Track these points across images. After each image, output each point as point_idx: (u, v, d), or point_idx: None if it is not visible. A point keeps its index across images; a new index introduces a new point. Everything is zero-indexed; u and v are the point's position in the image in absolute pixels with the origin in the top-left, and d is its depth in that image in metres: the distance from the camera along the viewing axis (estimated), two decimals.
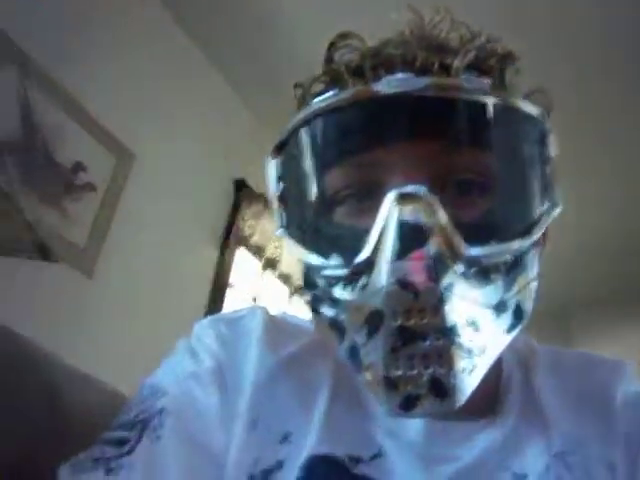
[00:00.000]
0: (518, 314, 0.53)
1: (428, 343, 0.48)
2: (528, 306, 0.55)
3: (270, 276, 3.14)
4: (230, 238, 2.85)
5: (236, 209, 2.91)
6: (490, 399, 0.61)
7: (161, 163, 2.49)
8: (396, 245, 0.48)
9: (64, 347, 0.74)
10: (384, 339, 0.49)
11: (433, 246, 0.48)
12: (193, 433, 0.56)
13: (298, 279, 3.06)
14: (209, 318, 0.67)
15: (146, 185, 2.39)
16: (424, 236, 0.48)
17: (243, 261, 3.00)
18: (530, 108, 0.55)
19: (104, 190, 2.20)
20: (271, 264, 3.10)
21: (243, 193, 2.92)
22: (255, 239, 2.97)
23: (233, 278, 2.88)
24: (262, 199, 2.94)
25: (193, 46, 2.77)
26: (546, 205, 0.55)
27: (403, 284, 0.48)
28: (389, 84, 0.52)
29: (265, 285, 3.12)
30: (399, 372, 0.49)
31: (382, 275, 0.49)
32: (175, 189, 2.56)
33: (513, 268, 0.53)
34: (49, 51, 2.04)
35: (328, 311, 0.55)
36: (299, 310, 3.11)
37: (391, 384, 0.49)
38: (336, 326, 0.54)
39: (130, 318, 2.20)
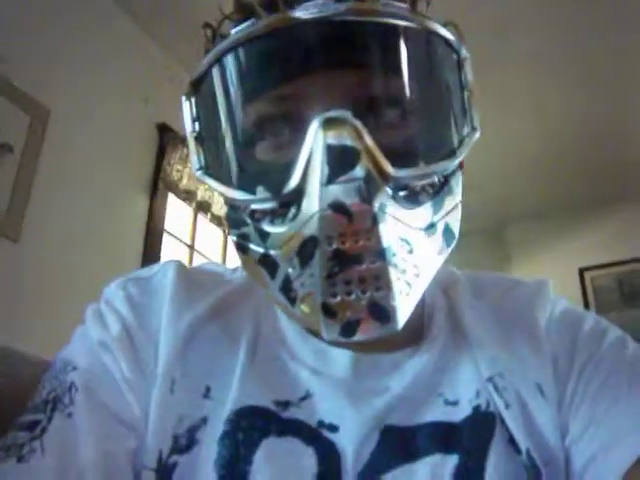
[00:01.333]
0: (448, 236, 0.54)
1: (364, 266, 0.48)
2: (456, 228, 0.56)
3: (203, 220, 3.10)
4: (159, 184, 2.79)
5: (161, 154, 2.84)
6: (416, 327, 0.61)
7: (79, 116, 2.39)
8: (325, 169, 0.48)
9: None
10: (319, 265, 0.49)
11: (362, 168, 0.48)
12: (106, 404, 0.54)
13: None
14: (118, 279, 0.64)
15: (65, 140, 2.30)
16: (353, 159, 0.48)
17: (175, 207, 2.95)
18: (449, 35, 0.56)
19: (22, 150, 2.11)
20: (203, 207, 3.05)
21: (167, 137, 2.84)
22: (184, 183, 2.90)
23: (167, 225, 2.84)
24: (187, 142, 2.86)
25: None
26: (466, 129, 0.56)
27: (336, 207, 0.47)
28: (307, 10, 0.50)
29: (199, 229, 3.08)
30: (337, 298, 0.48)
31: (313, 201, 0.48)
32: (96, 140, 2.47)
33: (440, 190, 0.54)
34: None
35: (258, 247, 0.54)
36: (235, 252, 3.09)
37: (330, 311, 0.49)
38: (267, 262, 0.53)
39: (64, 280, 2.15)
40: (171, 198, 2.91)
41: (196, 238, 3.06)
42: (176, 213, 2.96)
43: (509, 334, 0.61)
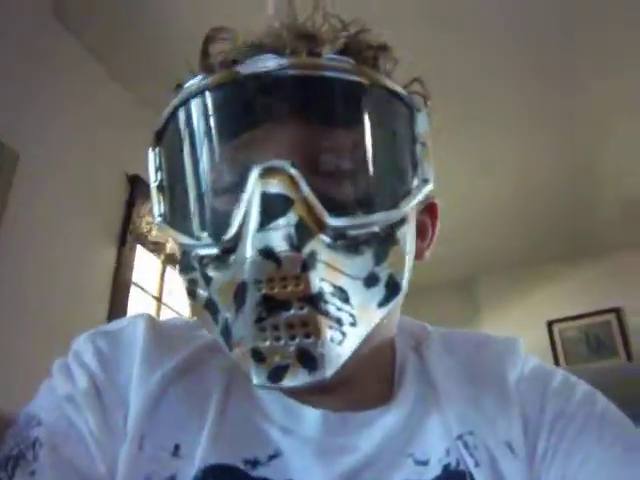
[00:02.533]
0: (391, 288, 0.54)
1: (292, 312, 0.49)
2: (401, 280, 0.55)
3: (172, 273, 3.08)
4: (127, 236, 2.77)
5: (131, 205, 2.83)
6: (386, 386, 0.62)
7: (49, 162, 2.38)
8: (258, 217, 0.49)
9: None
10: (250, 310, 0.49)
11: (294, 215, 0.49)
12: (71, 461, 0.53)
13: None
14: (87, 333, 0.63)
15: (34, 186, 2.28)
16: (286, 205, 0.49)
17: (143, 259, 2.92)
18: (395, 87, 0.57)
19: None
20: (171, 260, 3.03)
21: (138, 189, 2.84)
22: (153, 235, 2.89)
23: (135, 277, 2.81)
24: None
25: (74, 41, 2.65)
26: (416, 181, 0.56)
27: (265, 253, 0.48)
28: (250, 65, 0.53)
29: (167, 282, 3.05)
30: (266, 343, 0.49)
31: (247, 247, 0.49)
32: (66, 188, 2.45)
33: (384, 242, 0.54)
34: None
35: (203, 292, 0.55)
36: None
37: (259, 356, 0.49)
38: (210, 306, 0.54)
39: (24, 331, 2.09)
40: (140, 250, 2.89)
41: (164, 291, 3.03)
42: (144, 265, 2.94)
43: (479, 391, 0.61)
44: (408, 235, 0.56)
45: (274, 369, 0.49)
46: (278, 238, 0.48)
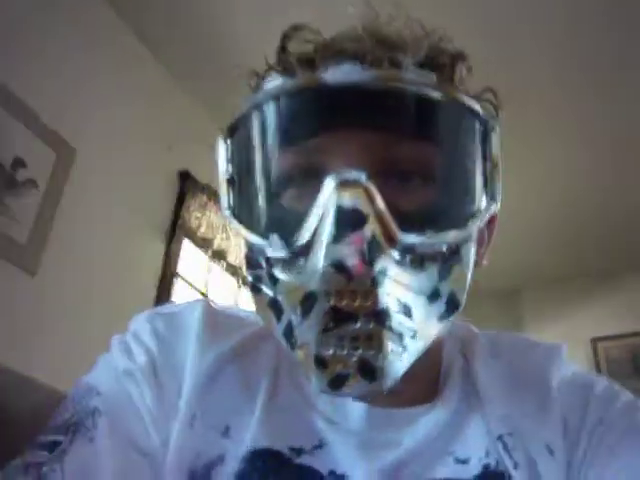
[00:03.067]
0: (452, 303, 0.55)
1: (358, 325, 0.50)
2: (461, 297, 0.55)
3: (218, 268, 3.12)
4: (176, 230, 2.82)
5: (181, 201, 2.88)
6: (431, 385, 0.63)
7: (103, 157, 2.45)
8: (333, 229, 0.49)
9: (4, 348, 0.72)
10: (317, 319, 0.50)
11: (368, 231, 0.49)
12: (127, 432, 0.56)
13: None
14: (146, 312, 0.66)
15: (89, 180, 2.35)
16: (360, 221, 0.49)
17: (190, 253, 2.97)
18: (474, 105, 0.57)
19: (45, 186, 2.15)
20: (219, 256, 3.08)
21: (188, 184, 2.89)
22: (202, 231, 2.94)
23: (181, 270, 2.86)
24: (207, 190, 2.93)
25: (133, 37, 2.72)
26: (485, 200, 0.56)
27: (337, 267, 0.49)
28: (335, 74, 0.53)
29: (213, 277, 3.10)
30: (330, 351, 0.50)
31: (318, 258, 0.50)
32: (119, 182, 2.52)
33: (449, 258, 0.54)
34: None
35: (268, 291, 0.56)
36: (247, 301, 3.11)
37: (321, 363, 0.50)
38: (274, 306, 0.55)
39: (76, 315, 2.17)
40: (187, 245, 2.94)
41: (209, 286, 3.07)
42: (191, 260, 2.98)
43: (521, 394, 0.62)
44: (471, 252, 0.57)
45: (335, 377, 0.50)
46: (351, 253, 0.48)
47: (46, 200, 2.14)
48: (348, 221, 0.49)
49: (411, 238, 0.51)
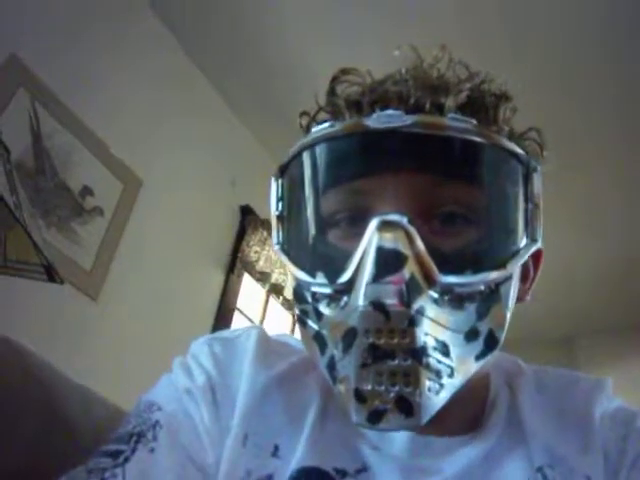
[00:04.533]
0: (490, 342, 0.55)
1: (396, 362, 0.51)
2: (500, 335, 0.56)
3: (274, 302, 3.15)
4: (236, 264, 2.88)
5: (241, 235, 2.95)
6: (476, 416, 0.63)
7: (168, 189, 2.53)
8: (373, 269, 0.51)
9: (66, 368, 0.75)
10: (356, 355, 0.51)
11: (407, 272, 0.51)
12: (185, 446, 0.59)
13: None
14: (205, 337, 0.70)
15: (153, 211, 2.43)
16: (400, 262, 0.51)
17: (248, 287, 3.02)
18: (514, 147, 0.58)
19: (111, 215, 2.24)
20: (276, 290, 3.11)
21: (249, 219, 2.96)
22: (260, 265, 2.99)
23: (239, 303, 2.90)
24: (267, 225, 2.98)
25: (201, 75, 2.83)
26: (525, 241, 0.57)
27: (376, 305, 0.50)
28: (378, 119, 0.55)
29: (269, 311, 3.13)
30: (368, 386, 0.51)
31: (359, 296, 0.51)
32: (181, 215, 2.60)
33: (488, 298, 0.55)
34: (61, 77, 2.09)
35: (313, 325, 0.57)
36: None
37: (360, 397, 0.51)
38: (319, 339, 0.57)
39: (134, 342, 2.22)
40: (246, 278, 2.99)
41: (266, 319, 3.10)
42: (249, 293, 3.03)
43: (564, 425, 0.62)
44: (511, 291, 0.57)
45: (373, 411, 0.51)
46: (390, 293, 0.50)
47: (111, 228, 2.22)
48: (388, 262, 0.51)
49: (450, 279, 0.53)
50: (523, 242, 0.57)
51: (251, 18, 2.56)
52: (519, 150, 0.58)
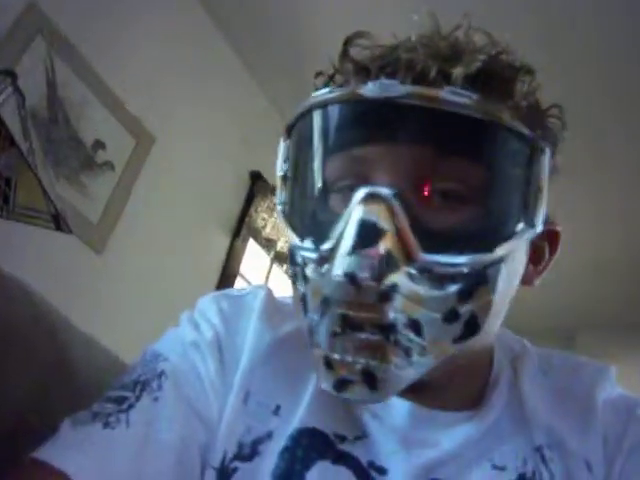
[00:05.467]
0: (471, 326, 0.53)
1: (364, 336, 0.51)
2: (484, 320, 0.54)
3: (278, 270, 3.16)
4: (242, 228, 2.88)
5: (250, 200, 2.94)
6: (478, 392, 0.64)
7: (180, 149, 2.52)
8: (350, 240, 0.51)
9: (69, 316, 0.76)
10: (328, 323, 0.52)
11: (383, 247, 0.50)
12: (189, 397, 0.60)
13: None
14: (213, 293, 0.70)
15: (164, 169, 2.43)
16: (377, 236, 0.50)
17: (253, 253, 3.02)
18: (517, 126, 0.54)
19: (122, 170, 2.23)
20: (280, 258, 3.12)
21: (258, 185, 2.95)
22: (266, 232, 2.99)
23: (243, 268, 2.91)
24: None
25: (219, 34, 2.80)
26: (521, 225, 0.54)
27: (349, 277, 0.50)
28: (373, 88, 0.54)
29: (273, 278, 3.14)
30: (336, 355, 0.52)
31: (336, 266, 0.51)
32: (192, 176, 2.59)
33: (472, 280, 0.53)
34: (79, 26, 2.08)
35: (300, 287, 0.58)
36: None
37: (329, 364, 0.53)
38: (303, 302, 0.57)
39: (137, 298, 2.25)
40: (251, 244, 2.99)
41: (269, 286, 3.09)
42: (253, 259, 3.04)
43: (566, 408, 0.63)
44: (502, 275, 0.54)
45: (340, 380, 0.52)
46: (362, 266, 0.49)
47: (121, 184, 2.22)
48: (366, 235, 0.51)
49: (431, 257, 0.51)
50: (519, 226, 0.54)
51: None
52: (523, 129, 0.54)
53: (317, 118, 0.59)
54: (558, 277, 0.62)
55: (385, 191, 0.52)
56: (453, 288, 0.52)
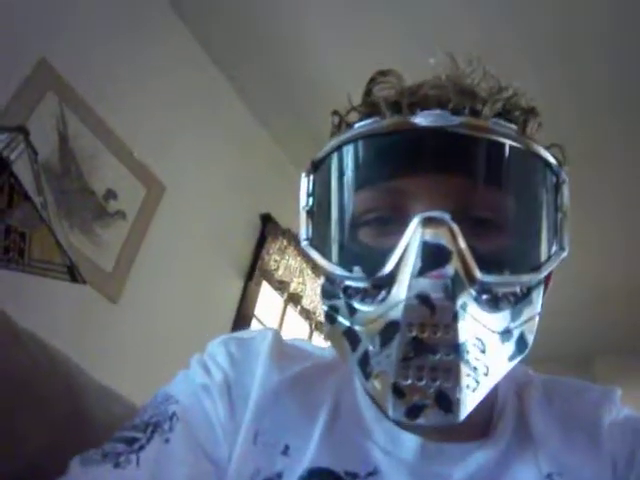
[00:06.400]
0: (521, 344, 0.56)
1: (438, 357, 0.51)
2: (530, 338, 0.57)
3: (292, 311, 3.16)
4: (255, 271, 2.89)
5: (261, 243, 2.96)
6: (485, 423, 0.64)
7: (190, 195, 2.55)
8: (418, 262, 0.52)
9: (85, 368, 0.77)
10: (397, 348, 0.52)
11: (452, 268, 0.51)
12: (200, 440, 0.60)
13: (319, 315, 3.08)
14: (222, 337, 0.71)
15: (175, 216, 2.45)
16: (444, 257, 0.52)
17: (266, 295, 3.03)
18: (549, 157, 0.59)
19: (134, 219, 2.26)
20: (294, 299, 3.12)
21: (269, 227, 2.97)
22: (279, 274, 3.00)
23: (257, 311, 2.91)
24: (287, 235, 2.99)
25: (225, 82, 2.85)
26: (554, 248, 0.59)
27: (422, 299, 0.51)
28: (425, 118, 0.56)
29: (287, 320, 3.14)
30: (408, 381, 0.52)
31: (402, 289, 0.52)
32: (203, 221, 2.62)
33: (521, 300, 0.56)
34: (89, 81, 2.12)
35: (344, 321, 0.58)
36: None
37: (399, 392, 0.52)
38: (350, 335, 0.57)
39: (153, 345, 2.24)
40: (265, 286, 3.00)
41: (283, 328, 3.10)
42: (267, 301, 3.04)
43: (573, 434, 0.62)
44: (540, 296, 0.59)
45: (412, 406, 0.52)
46: (435, 287, 0.51)
47: (133, 232, 2.25)
48: (433, 256, 0.52)
49: (489, 278, 0.54)
50: (553, 249, 0.59)
51: (278, 28, 2.59)
52: (553, 160, 0.59)
53: (362, 148, 0.60)
54: (573, 304, 0.62)
55: (444, 214, 0.53)
56: (507, 308, 0.55)
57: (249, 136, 3.00)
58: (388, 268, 0.54)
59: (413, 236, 0.53)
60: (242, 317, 2.79)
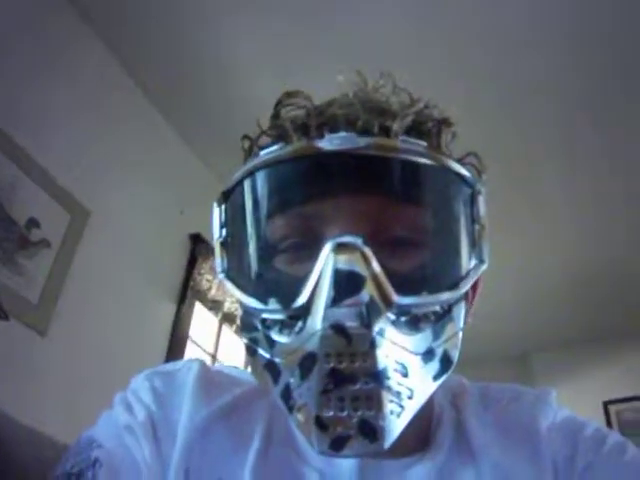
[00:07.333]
0: (445, 362, 0.55)
1: (358, 386, 0.50)
2: (454, 354, 0.56)
3: (228, 331, 3.12)
4: (187, 292, 2.85)
5: (192, 263, 2.92)
6: (422, 437, 0.63)
7: (116, 220, 2.49)
8: (331, 292, 0.50)
9: (14, 406, 0.73)
10: (317, 381, 0.51)
11: (366, 294, 0.50)
12: None
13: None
14: (145, 372, 0.68)
15: (101, 241, 2.39)
16: (358, 284, 0.51)
17: (200, 316, 2.99)
18: (462, 170, 0.59)
19: (58, 246, 2.18)
20: (229, 318, 3.08)
21: (199, 247, 2.93)
22: (212, 294, 2.96)
23: (192, 332, 2.87)
24: None
25: (148, 102, 2.81)
26: (473, 262, 0.58)
27: (337, 329, 0.50)
28: (331, 142, 0.55)
29: (223, 340, 3.10)
30: (330, 413, 0.50)
31: (317, 320, 0.51)
32: (131, 245, 2.56)
33: (442, 319, 0.55)
34: (3, 106, 2.05)
35: (265, 353, 0.56)
36: None
37: (322, 424, 0.50)
38: (271, 368, 0.55)
39: (86, 378, 2.17)
40: (198, 307, 2.96)
41: (219, 348, 3.07)
42: (202, 322, 3.00)
43: (512, 442, 0.62)
44: (462, 312, 0.58)
45: (336, 438, 0.50)
46: (350, 315, 0.49)
47: (58, 260, 2.17)
48: (346, 284, 0.51)
49: (406, 300, 0.53)
50: (472, 263, 0.58)
51: (203, 49, 2.58)
52: (466, 172, 0.59)
53: (269, 176, 0.58)
54: (507, 304, 0.63)
55: (356, 239, 0.52)
56: (428, 328, 0.54)
57: (175, 156, 2.97)
58: (303, 299, 0.52)
59: (325, 263, 0.52)
60: (177, 340, 2.74)
